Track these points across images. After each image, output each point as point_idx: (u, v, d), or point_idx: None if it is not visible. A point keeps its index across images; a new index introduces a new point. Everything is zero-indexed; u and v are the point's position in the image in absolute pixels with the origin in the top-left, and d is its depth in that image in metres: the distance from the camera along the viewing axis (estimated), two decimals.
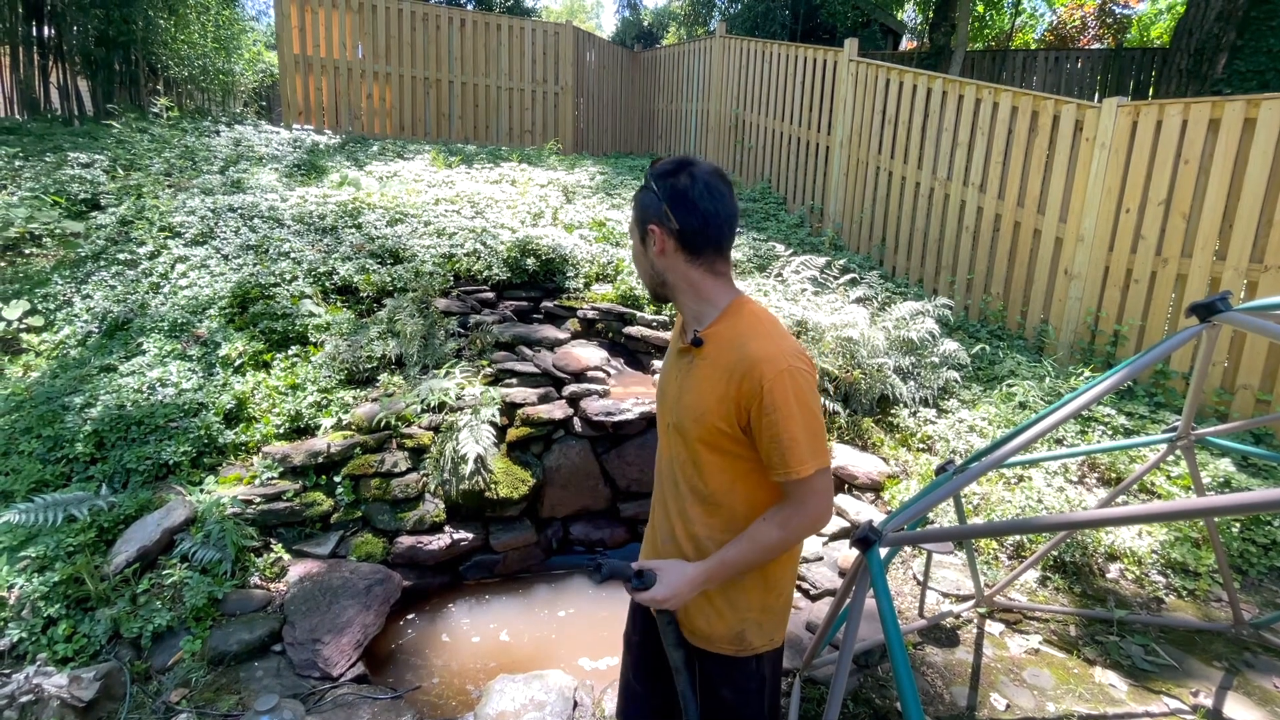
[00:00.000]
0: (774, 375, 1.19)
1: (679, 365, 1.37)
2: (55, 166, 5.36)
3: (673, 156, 1.32)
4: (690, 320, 1.35)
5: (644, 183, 1.30)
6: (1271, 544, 3.08)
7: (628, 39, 15.86)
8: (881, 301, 4.92)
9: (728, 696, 1.39)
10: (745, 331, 1.26)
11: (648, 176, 1.29)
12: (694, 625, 1.39)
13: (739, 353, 1.23)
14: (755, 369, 1.19)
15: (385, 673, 2.79)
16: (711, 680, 1.39)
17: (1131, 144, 4.24)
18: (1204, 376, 2.03)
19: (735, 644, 1.37)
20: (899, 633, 1.27)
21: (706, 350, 1.29)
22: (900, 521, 1.58)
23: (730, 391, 1.23)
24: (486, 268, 4.69)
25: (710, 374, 1.27)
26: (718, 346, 1.27)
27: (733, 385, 1.22)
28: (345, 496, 3.25)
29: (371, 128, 8.06)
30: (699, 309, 1.32)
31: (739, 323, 1.28)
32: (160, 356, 3.61)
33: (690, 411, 1.29)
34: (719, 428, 1.26)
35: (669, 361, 1.43)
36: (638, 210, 1.31)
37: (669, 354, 1.45)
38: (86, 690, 2.15)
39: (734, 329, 1.27)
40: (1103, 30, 14.51)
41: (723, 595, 1.35)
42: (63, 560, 2.57)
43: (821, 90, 6.78)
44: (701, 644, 1.38)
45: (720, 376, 1.25)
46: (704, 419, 1.27)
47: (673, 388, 1.37)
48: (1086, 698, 2.35)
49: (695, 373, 1.30)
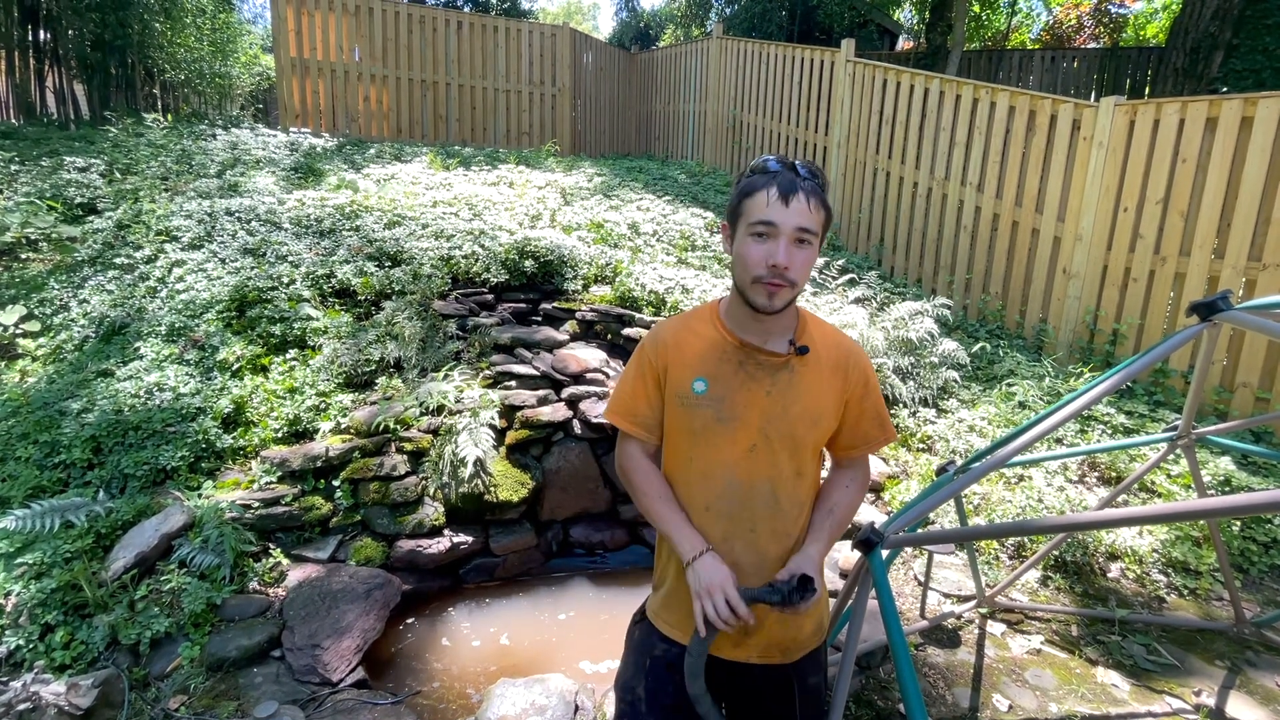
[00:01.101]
0: (866, 360, 1.34)
1: (769, 379, 1.27)
2: (51, 171, 5.34)
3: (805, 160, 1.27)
4: (779, 331, 1.29)
5: (824, 190, 1.22)
6: (1272, 542, 3.08)
7: (625, 40, 15.87)
8: (880, 301, 4.92)
9: (816, 682, 1.39)
10: (826, 328, 1.35)
11: (822, 182, 1.23)
12: (781, 640, 1.33)
13: (839, 348, 1.32)
14: (856, 358, 1.32)
15: (385, 677, 2.78)
16: (805, 674, 1.37)
17: (1129, 143, 4.25)
18: (1204, 375, 2.03)
19: (818, 634, 1.39)
20: (902, 634, 1.26)
21: (811, 355, 1.29)
22: (902, 523, 1.57)
23: (844, 385, 1.31)
24: (485, 270, 4.69)
25: (819, 376, 1.29)
26: (820, 349, 1.31)
27: (846, 378, 1.31)
28: (344, 500, 3.24)
29: (369, 130, 8.06)
30: (791, 317, 1.31)
31: (816, 324, 1.34)
32: (158, 361, 3.60)
33: (805, 419, 1.28)
34: (832, 425, 1.32)
35: (728, 382, 1.28)
36: (826, 213, 1.23)
37: (720, 376, 1.29)
38: (84, 697, 2.14)
39: (820, 329, 1.34)
40: (1099, 29, 14.54)
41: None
42: (60, 566, 2.55)
43: (819, 91, 6.79)
44: (795, 654, 1.35)
45: (833, 375, 1.30)
46: (822, 421, 1.29)
47: (760, 404, 1.27)
48: (1089, 698, 2.35)
49: (800, 380, 1.28)
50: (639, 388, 1.36)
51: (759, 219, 1.19)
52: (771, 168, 1.22)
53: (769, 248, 1.18)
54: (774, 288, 1.19)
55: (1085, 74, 10.49)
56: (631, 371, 1.39)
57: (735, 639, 1.32)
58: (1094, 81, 10.41)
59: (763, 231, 1.19)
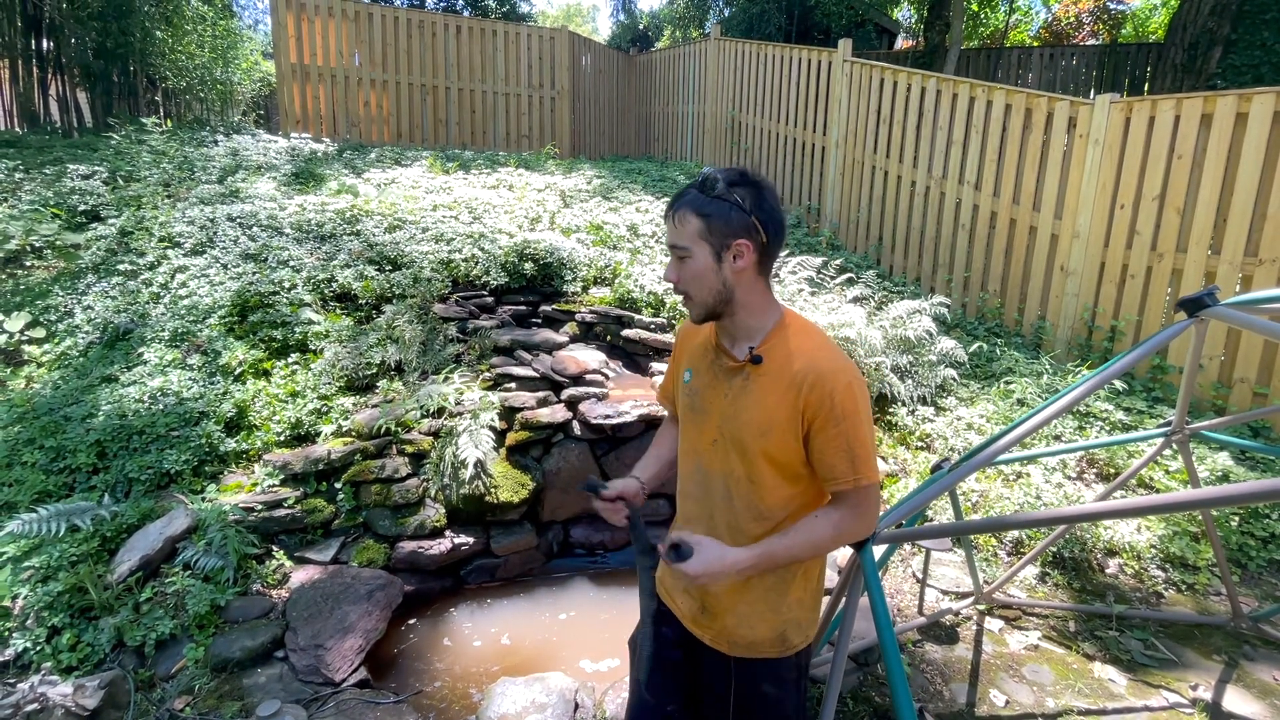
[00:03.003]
0: (844, 386, 1.22)
1: (726, 382, 1.33)
2: (55, 179, 5.39)
3: (731, 167, 1.33)
4: (741, 336, 1.32)
5: (714, 193, 1.22)
6: (1270, 537, 3.09)
7: (623, 42, 15.90)
8: (878, 300, 4.93)
9: (769, 691, 1.39)
10: (807, 344, 1.28)
11: (720, 186, 1.22)
12: (735, 635, 1.36)
13: (806, 365, 1.24)
14: (825, 380, 1.22)
15: (388, 677, 2.81)
16: (754, 678, 1.38)
17: (1125, 140, 4.26)
18: (1195, 371, 2.04)
19: (779, 646, 1.36)
20: (892, 631, 1.29)
21: (767, 366, 1.28)
22: (894, 519, 1.59)
23: (798, 403, 1.24)
24: (485, 273, 4.71)
25: (773, 388, 1.26)
26: (780, 361, 1.27)
27: (800, 397, 1.24)
28: (346, 503, 3.26)
29: (369, 135, 8.10)
30: (754, 324, 1.31)
31: (796, 336, 1.30)
32: (161, 366, 3.63)
33: (752, 428, 1.28)
34: (787, 441, 1.27)
35: (703, 377, 1.38)
36: (718, 224, 1.22)
37: (699, 369, 1.40)
38: (90, 699, 2.17)
39: (794, 343, 1.28)
40: (1098, 26, 14.53)
41: (764, 600, 1.34)
42: (66, 570, 2.58)
43: (817, 91, 6.81)
44: (744, 653, 1.36)
45: (786, 389, 1.25)
46: (771, 433, 1.27)
47: (719, 404, 1.33)
48: (1086, 693, 2.36)
49: (753, 388, 1.29)
50: (670, 370, 1.58)
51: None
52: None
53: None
54: (683, 301, 1.32)
55: (1084, 71, 10.48)
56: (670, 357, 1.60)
57: (693, 616, 1.43)
58: (1093, 78, 10.40)
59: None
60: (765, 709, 1.39)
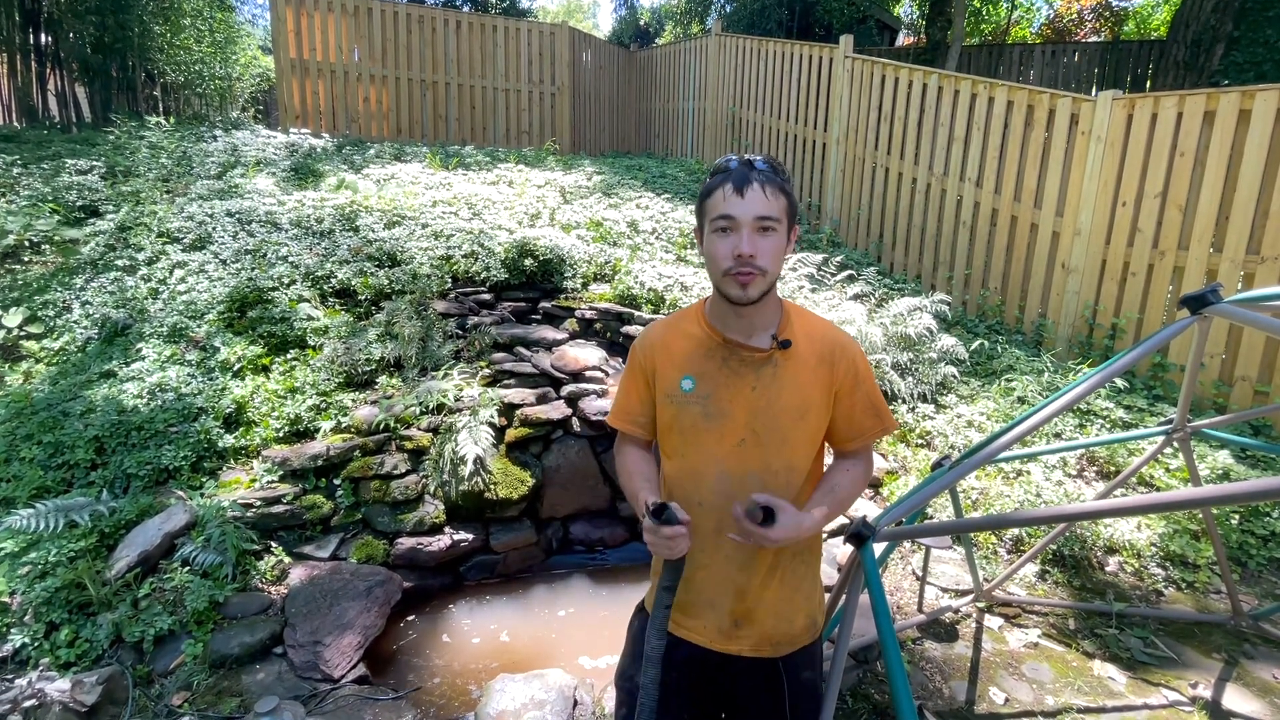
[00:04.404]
0: (857, 352, 1.34)
1: (752, 374, 1.29)
2: (53, 174, 5.37)
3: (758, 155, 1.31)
4: (760, 325, 1.30)
5: (781, 178, 1.25)
6: (1270, 535, 3.08)
7: (624, 38, 15.84)
8: (879, 298, 4.92)
9: (809, 677, 1.40)
10: (814, 322, 1.36)
11: (781, 172, 1.26)
12: (776, 635, 1.35)
13: (825, 341, 1.32)
14: (846, 350, 1.32)
15: (387, 673, 2.81)
16: (797, 669, 1.38)
17: (1127, 137, 4.24)
18: (1197, 369, 2.03)
19: (811, 632, 1.40)
20: (892, 629, 1.28)
21: (796, 349, 1.30)
22: (894, 517, 1.59)
23: (831, 377, 1.31)
24: (484, 269, 4.70)
25: (804, 369, 1.30)
26: (802, 342, 1.31)
27: (831, 372, 1.30)
28: (345, 499, 3.26)
29: (368, 131, 8.07)
30: (772, 311, 1.32)
31: (799, 316, 1.35)
32: (159, 362, 3.62)
33: (791, 413, 1.28)
34: (821, 418, 1.31)
35: (714, 380, 1.32)
36: (793, 206, 1.27)
37: (705, 374, 1.32)
38: (89, 694, 2.17)
39: (802, 323, 1.34)
40: (1100, 23, 14.48)
41: (799, 590, 1.37)
42: (64, 566, 2.58)
43: (818, 87, 6.78)
44: (788, 649, 1.36)
45: (818, 366, 1.30)
46: (809, 415, 1.30)
47: (745, 399, 1.29)
48: (1085, 690, 2.36)
49: (783, 374, 1.29)
50: (632, 389, 1.43)
51: (718, 214, 1.23)
52: (729, 166, 1.27)
53: (733, 240, 1.22)
54: (745, 278, 1.22)
55: (1086, 68, 10.45)
56: (626, 375, 1.46)
57: (725, 631, 1.34)
58: (1095, 75, 10.37)
59: (724, 226, 1.23)
60: (811, 695, 1.40)
